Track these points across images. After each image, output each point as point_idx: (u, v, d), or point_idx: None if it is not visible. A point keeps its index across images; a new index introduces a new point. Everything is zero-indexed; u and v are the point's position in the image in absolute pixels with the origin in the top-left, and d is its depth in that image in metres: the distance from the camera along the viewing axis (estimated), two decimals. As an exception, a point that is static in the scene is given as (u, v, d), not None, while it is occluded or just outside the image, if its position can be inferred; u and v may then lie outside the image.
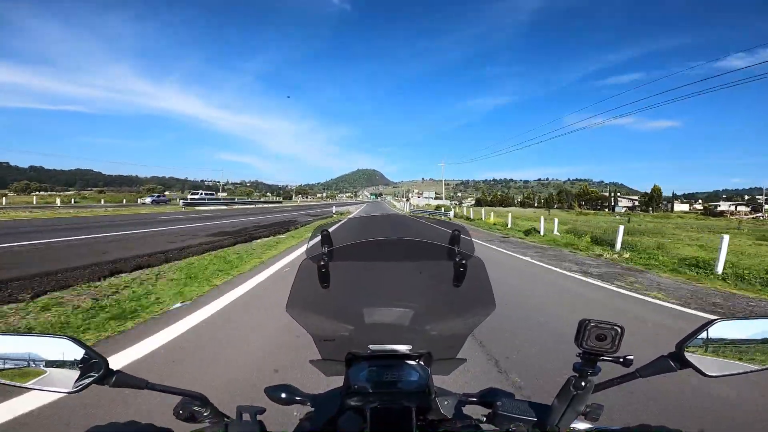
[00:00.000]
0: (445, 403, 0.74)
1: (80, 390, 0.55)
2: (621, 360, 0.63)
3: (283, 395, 0.78)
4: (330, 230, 0.80)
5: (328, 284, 0.78)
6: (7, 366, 0.54)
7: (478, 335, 3.52)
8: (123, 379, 0.58)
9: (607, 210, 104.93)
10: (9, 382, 0.55)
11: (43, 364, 0.54)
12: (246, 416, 0.69)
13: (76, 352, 0.55)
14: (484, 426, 0.73)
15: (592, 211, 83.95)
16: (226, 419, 0.67)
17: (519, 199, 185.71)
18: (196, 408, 0.65)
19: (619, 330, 0.60)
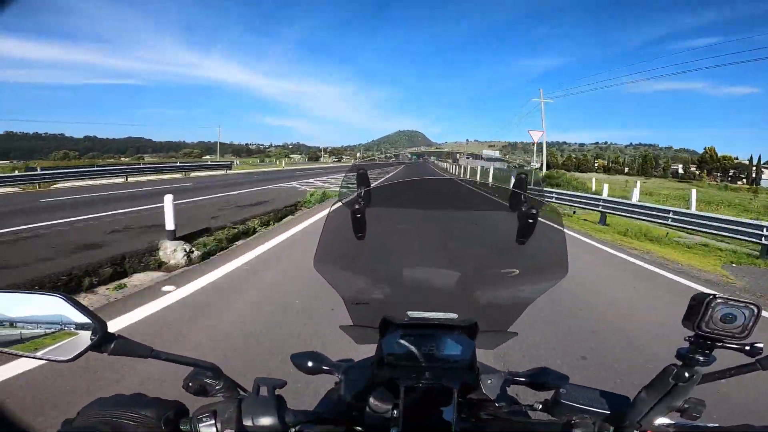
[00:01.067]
0: (489, 382, 0.66)
1: (75, 359, 0.50)
2: (747, 348, 0.50)
3: (310, 363, 0.72)
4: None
5: (363, 234, 0.67)
6: None
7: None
8: (123, 346, 0.52)
9: (743, 182, 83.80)
10: None
11: (36, 326, 0.50)
12: (264, 390, 0.62)
13: (71, 313, 0.49)
14: (538, 414, 0.63)
15: (724, 184, 66.54)
16: (241, 393, 0.61)
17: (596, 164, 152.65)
18: (208, 380, 0.59)
19: (755, 310, 0.47)
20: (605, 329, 3.43)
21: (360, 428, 0.60)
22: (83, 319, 0.49)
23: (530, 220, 0.64)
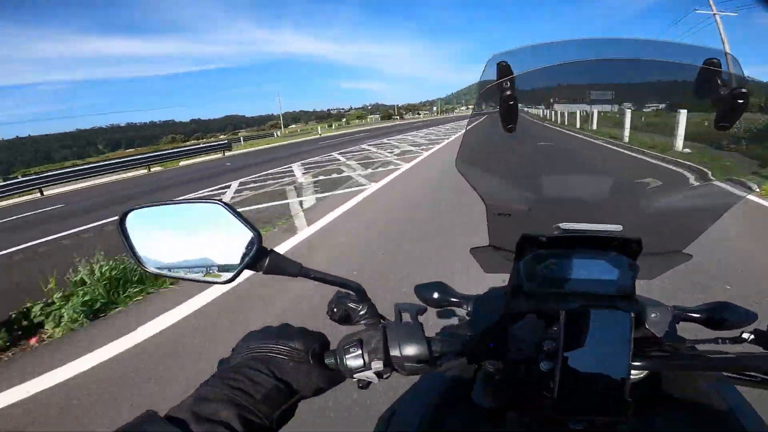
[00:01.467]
0: (653, 316, 0.58)
1: (232, 279, 0.50)
2: None
3: (435, 295, 0.69)
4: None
5: (514, 125, 0.57)
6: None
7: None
8: (276, 263, 0.50)
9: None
10: (160, 272, 0.54)
11: (197, 236, 0.51)
12: (406, 316, 0.58)
13: (229, 221, 0.48)
14: (738, 347, 0.52)
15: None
16: (382, 321, 0.57)
17: None
18: (352, 304, 0.57)
19: None
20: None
21: (498, 363, 0.55)
22: (242, 228, 0.48)
23: (740, 101, 0.48)
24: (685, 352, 0.56)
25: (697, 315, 0.62)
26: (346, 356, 0.50)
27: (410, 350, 0.50)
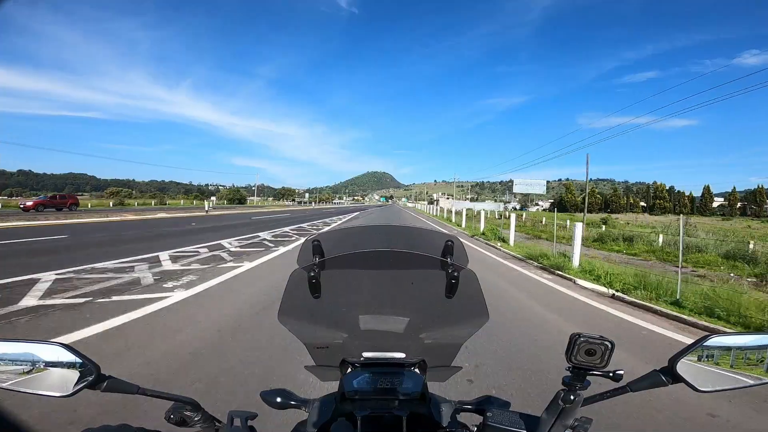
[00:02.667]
0: (440, 410, 0.76)
1: (73, 394, 0.59)
2: (611, 375, 0.64)
3: (278, 399, 0.80)
4: (320, 240, 0.82)
5: (319, 294, 0.80)
6: (2, 370, 0.59)
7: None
8: (114, 385, 0.62)
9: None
10: (4, 386, 0.59)
11: (38, 369, 0.59)
12: (237, 422, 0.71)
13: (70, 358, 0.60)
14: None
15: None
16: (216, 424, 0.70)
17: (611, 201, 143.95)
18: (188, 413, 0.68)
19: (609, 345, 0.61)
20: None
21: None
22: (81, 362, 0.60)
23: (453, 281, 0.80)
24: None
25: (470, 406, 0.79)
26: None
27: None
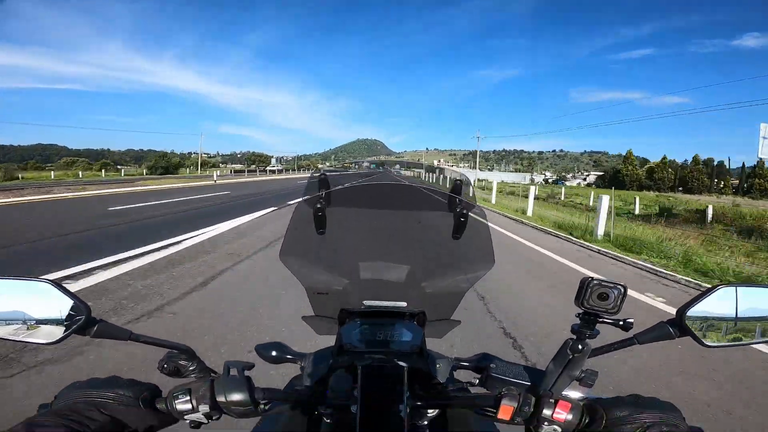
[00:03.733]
0: (438, 366, 0.76)
1: (60, 341, 0.55)
2: (621, 323, 0.62)
3: (274, 353, 0.79)
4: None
5: (324, 229, 0.78)
6: None
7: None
8: (105, 330, 0.57)
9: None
10: None
11: (23, 312, 0.55)
12: (234, 371, 0.68)
13: (58, 298, 0.55)
14: (475, 389, 0.74)
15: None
16: (212, 374, 0.67)
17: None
18: (182, 362, 0.66)
19: (622, 289, 0.59)
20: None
21: (322, 407, 0.68)
22: (69, 302, 0.55)
23: (462, 220, 0.77)
24: (450, 394, 0.71)
25: (467, 364, 0.79)
26: (175, 402, 0.58)
27: (236, 397, 0.59)
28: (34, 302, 0.55)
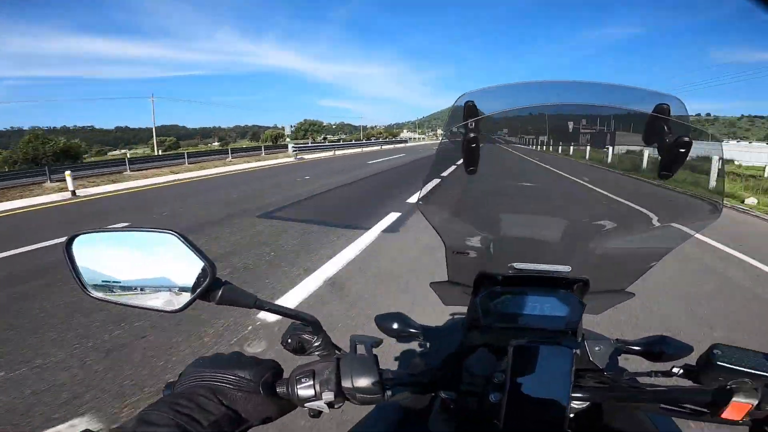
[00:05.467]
0: (597, 349, 0.64)
1: (183, 309, 0.51)
2: None
3: (395, 325, 0.72)
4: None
5: (475, 168, 0.63)
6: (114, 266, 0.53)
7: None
8: (230, 295, 0.51)
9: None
10: (105, 297, 0.53)
11: (148, 271, 0.52)
12: (360, 348, 0.60)
13: (184, 251, 0.50)
14: (672, 381, 0.57)
15: None
16: (337, 352, 0.61)
17: None
18: (306, 336, 0.60)
19: None
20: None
21: (452, 393, 0.59)
22: (194, 258, 0.50)
23: (681, 150, 0.54)
24: (623, 385, 0.59)
25: (637, 348, 0.67)
26: (298, 386, 0.52)
27: (362, 382, 0.53)
28: (159, 254, 0.52)
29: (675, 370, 0.58)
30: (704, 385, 0.52)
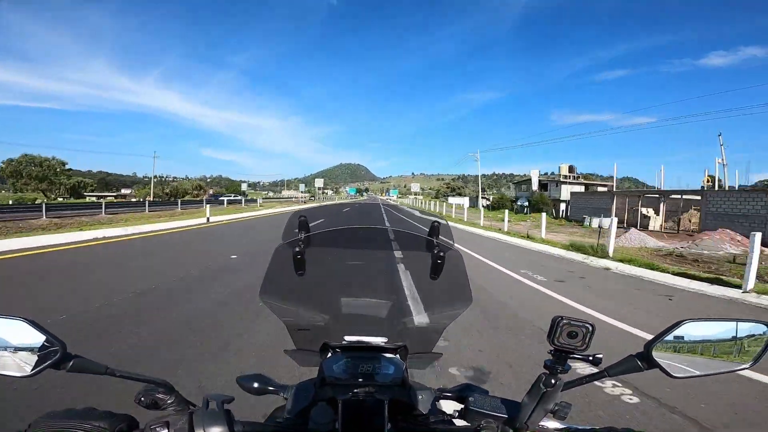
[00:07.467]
0: (420, 397, 0.80)
1: (35, 374, 0.58)
2: (590, 358, 0.68)
3: (255, 385, 0.81)
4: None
5: (303, 271, 0.83)
6: None
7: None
8: (81, 364, 0.60)
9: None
10: None
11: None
12: (213, 405, 0.69)
13: (33, 335, 0.58)
14: (457, 421, 0.79)
15: None
16: (191, 407, 0.70)
17: None
18: (160, 395, 0.68)
19: (590, 328, 0.65)
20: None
21: None
22: (43, 339, 0.58)
23: (439, 261, 0.84)
24: (431, 426, 0.76)
25: (449, 394, 0.83)
26: None
27: (214, 430, 0.60)
28: (11, 340, 0.59)
29: (455, 414, 0.79)
30: (470, 425, 0.75)
